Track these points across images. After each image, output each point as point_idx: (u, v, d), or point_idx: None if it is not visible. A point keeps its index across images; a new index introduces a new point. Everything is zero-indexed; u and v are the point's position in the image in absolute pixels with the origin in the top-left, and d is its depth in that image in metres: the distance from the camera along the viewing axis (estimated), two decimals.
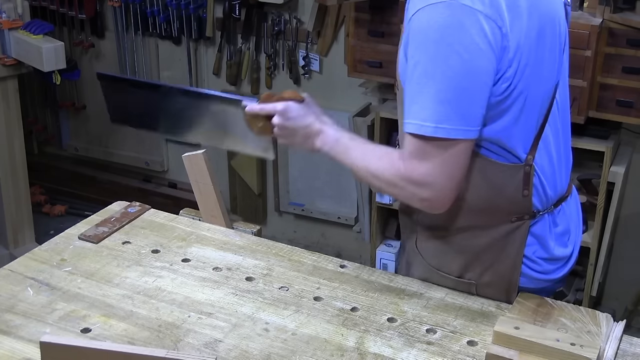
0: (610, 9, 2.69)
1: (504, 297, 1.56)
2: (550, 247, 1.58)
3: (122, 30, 3.82)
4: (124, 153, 4.16)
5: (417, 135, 1.38)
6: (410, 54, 1.39)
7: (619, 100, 2.77)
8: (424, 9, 1.36)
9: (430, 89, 1.36)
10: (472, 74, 1.36)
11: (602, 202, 2.94)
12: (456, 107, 1.36)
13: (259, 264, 1.63)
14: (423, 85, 1.37)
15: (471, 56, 1.34)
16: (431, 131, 1.36)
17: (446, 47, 1.34)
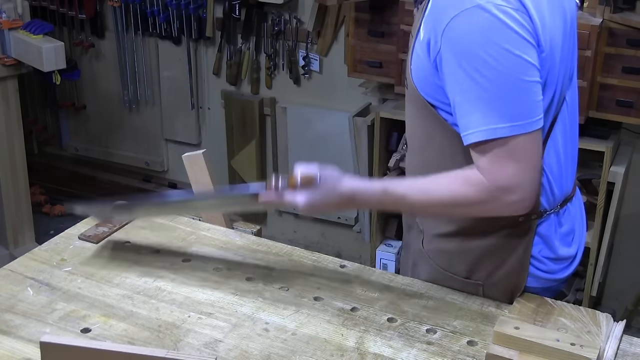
0: (610, 9, 2.69)
1: (510, 298, 1.56)
2: (556, 247, 1.58)
3: (122, 30, 3.82)
4: (124, 153, 4.16)
5: (491, 140, 1.36)
6: (455, 63, 1.37)
7: (619, 100, 2.77)
8: (460, 16, 1.35)
9: (490, 92, 1.35)
10: (527, 67, 1.36)
11: (602, 202, 2.94)
12: (523, 102, 1.36)
13: (259, 264, 1.63)
14: (481, 90, 1.35)
15: (521, 50, 1.35)
16: (507, 131, 1.35)
17: (495, 48, 1.33)
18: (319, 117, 3.49)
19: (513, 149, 1.37)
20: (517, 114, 1.36)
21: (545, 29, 1.40)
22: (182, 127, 3.93)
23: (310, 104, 3.54)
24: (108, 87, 4.05)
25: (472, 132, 1.37)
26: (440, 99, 1.46)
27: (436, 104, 1.48)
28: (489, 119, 1.35)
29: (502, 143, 1.36)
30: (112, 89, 4.04)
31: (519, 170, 1.38)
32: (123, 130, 4.12)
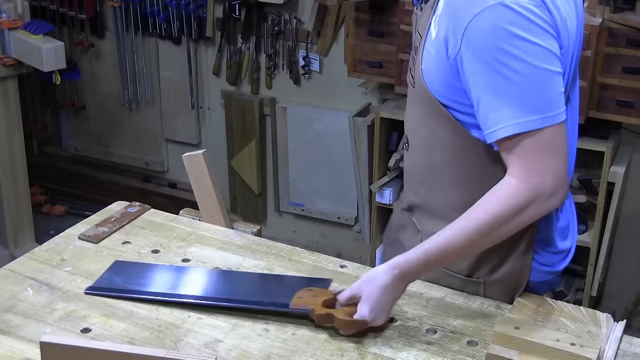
0: (610, 9, 2.69)
1: (511, 295, 1.56)
2: (555, 241, 1.60)
3: (122, 30, 3.82)
4: (124, 153, 4.16)
5: (521, 134, 1.35)
6: (480, 60, 1.36)
7: (619, 100, 2.77)
8: (483, 13, 1.35)
9: (519, 85, 1.35)
10: (552, 58, 1.37)
11: (602, 202, 2.94)
12: (550, 93, 1.37)
13: (259, 264, 1.63)
14: (510, 84, 1.35)
15: (546, 42, 1.36)
16: (539, 123, 1.35)
17: (522, 40, 1.34)
18: (319, 117, 3.49)
19: (543, 141, 1.36)
20: (546, 106, 1.36)
21: (564, 25, 1.41)
22: (182, 127, 3.93)
23: (310, 104, 3.54)
24: (108, 87, 4.05)
25: (502, 127, 1.36)
26: (455, 99, 1.46)
27: (449, 104, 1.47)
28: (520, 112, 1.35)
29: (532, 136, 1.36)
30: (112, 89, 4.04)
31: (551, 162, 1.38)
32: (123, 130, 4.12)
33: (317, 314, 1.39)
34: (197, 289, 1.52)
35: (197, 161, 1.76)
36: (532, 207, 1.38)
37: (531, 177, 1.37)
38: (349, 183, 3.50)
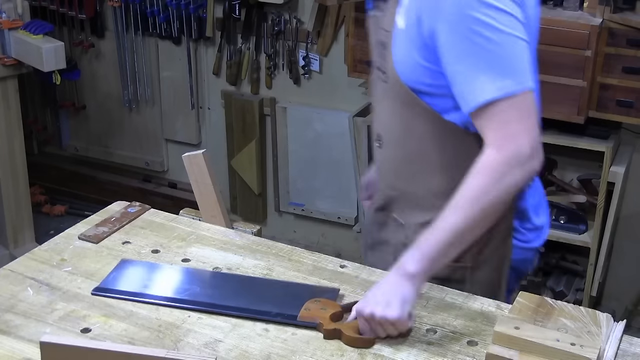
0: (610, 9, 2.69)
1: (496, 276, 1.61)
2: (531, 217, 1.66)
3: (122, 30, 3.82)
4: (124, 153, 4.16)
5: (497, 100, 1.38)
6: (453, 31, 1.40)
7: (619, 100, 2.77)
8: None
9: (493, 52, 1.39)
10: (520, 26, 1.42)
11: (602, 202, 2.94)
12: (522, 59, 1.41)
13: (259, 264, 1.63)
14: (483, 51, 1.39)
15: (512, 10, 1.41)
16: (513, 87, 1.38)
17: (491, 7, 1.38)
18: (319, 117, 3.49)
19: (517, 107, 1.40)
20: (519, 72, 1.40)
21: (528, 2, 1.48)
22: (182, 127, 3.93)
23: (310, 104, 3.54)
24: (108, 87, 4.05)
25: (479, 94, 1.39)
26: (428, 82, 1.49)
27: (423, 89, 1.51)
28: (495, 78, 1.38)
29: (507, 101, 1.39)
30: (112, 89, 4.04)
31: (525, 127, 1.40)
32: (123, 130, 4.12)
33: (325, 329, 1.40)
34: (204, 295, 1.51)
35: (197, 161, 1.76)
36: (513, 172, 1.40)
37: (506, 144, 1.40)
38: (349, 183, 3.50)
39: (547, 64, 2.78)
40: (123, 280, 1.55)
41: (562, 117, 2.85)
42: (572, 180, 3.24)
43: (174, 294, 1.51)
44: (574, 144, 2.97)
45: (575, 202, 3.11)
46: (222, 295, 1.51)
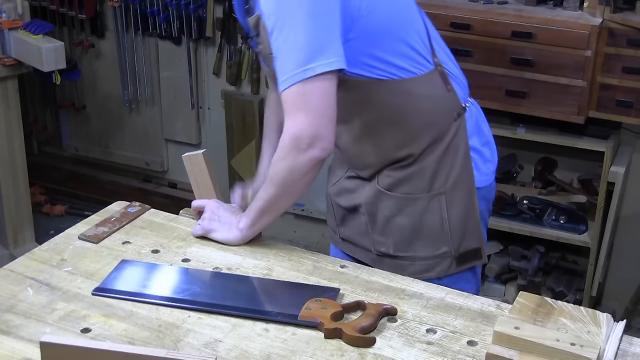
0: (610, 9, 2.69)
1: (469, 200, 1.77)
2: (484, 131, 1.83)
3: (122, 30, 3.82)
4: (124, 153, 4.16)
5: (292, 87, 1.51)
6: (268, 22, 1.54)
7: (619, 100, 2.77)
8: None
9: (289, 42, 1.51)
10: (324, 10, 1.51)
11: (602, 202, 2.94)
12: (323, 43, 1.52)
13: (259, 264, 1.63)
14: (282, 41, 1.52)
15: None
16: (303, 76, 1.50)
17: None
18: None
19: (308, 93, 1.51)
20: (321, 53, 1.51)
21: None
22: (182, 127, 3.93)
23: None
24: (108, 87, 4.05)
25: (281, 81, 1.53)
26: None
27: None
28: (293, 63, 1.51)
29: (300, 87, 1.51)
30: (112, 89, 4.04)
31: (311, 114, 1.52)
32: (123, 130, 4.12)
33: (326, 329, 1.40)
34: (204, 295, 1.51)
35: (197, 161, 1.76)
36: (292, 154, 1.55)
37: (290, 127, 1.55)
38: None
39: (547, 64, 2.79)
40: (123, 281, 1.55)
41: (562, 117, 2.85)
42: (572, 180, 3.25)
43: (174, 294, 1.51)
44: (574, 144, 2.97)
45: (575, 202, 3.11)
46: (222, 295, 1.51)
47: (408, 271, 1.74)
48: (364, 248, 1.86)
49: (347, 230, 1.91)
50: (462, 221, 1.78)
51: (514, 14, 2.82)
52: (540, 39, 2.76)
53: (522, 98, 2.86)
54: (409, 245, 1.79)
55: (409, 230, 1.78)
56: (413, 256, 1.79)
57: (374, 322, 1.41)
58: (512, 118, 3.05)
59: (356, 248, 1.89)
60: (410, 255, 1.79)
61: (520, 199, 3.15)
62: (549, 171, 3.25)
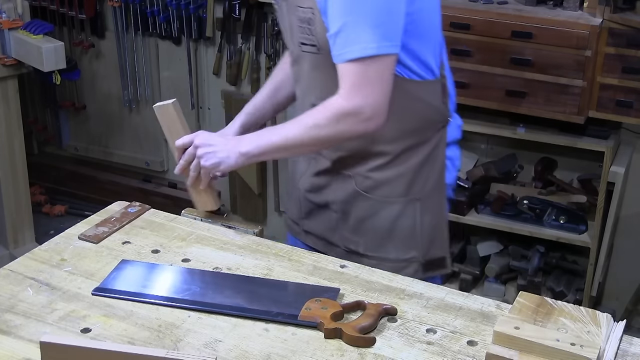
0: (610, 9, 2.69)
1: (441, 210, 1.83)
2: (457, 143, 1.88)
3: (122, 30, 3.82)
4: (124, 153, 4.16)
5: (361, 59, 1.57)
6: None
7: (619, 100, 2.77)
8: None
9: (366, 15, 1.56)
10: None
11: (602, 202, 2.94)
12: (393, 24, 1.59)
13: (259, 264, 1.63)
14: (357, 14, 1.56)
15: None
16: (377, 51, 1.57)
17: None
18: None
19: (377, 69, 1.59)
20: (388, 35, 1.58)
21: None
22: None
23: None
24: (108, 87, 4.05)
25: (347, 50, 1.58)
26: None
27: None
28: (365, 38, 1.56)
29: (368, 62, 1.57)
30: (112, 89, 4.04)
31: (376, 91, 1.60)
32: (123, 130, 4.12)
33: (326, 329, 1.40)
34: (204, 295, 1.51)
35: (167, 111, 1.82)
36: (347, 122, 1.62)
37: (354, 98, 1.60)
38: None
39: (547, 64, 2.79)
40: (123, 281, 1.55)
41: (562, 117, 2.85)
42: (572, 181, 3.25)
43: (173, 294, 1.51)
44: (574, 144, 2.97)
45: (575, 202, 3.11)
46: (222, 295, 1.51)
47: None
48: (330, 243, 1.89)
49: (312, 223, 1.93)
50: (432, 229, 1.82)
51: (513, 14, 2.82)
52: (540, 39, 2.76)
53: (522, 98, 2.86)
54: (380, 246, 1.83)
55: (381, 232, 1.81)
56: (382, 257, 1.82)
57: (374, 322, 1.41)
58: (512, 118, 3.05)
59: (320, 242, 1.92)
60: (380, 257, 1.82)
61: (520, 199, 3.15)
62: (549, 171, 3.25)
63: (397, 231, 1.80)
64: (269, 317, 1.44)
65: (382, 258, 1.82)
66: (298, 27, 1.70)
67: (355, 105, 1.60)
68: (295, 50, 1.77)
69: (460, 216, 3.17)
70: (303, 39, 1.71)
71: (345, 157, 1.80)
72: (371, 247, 1.83)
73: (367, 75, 1.59)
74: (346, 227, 1.84)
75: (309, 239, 1.95)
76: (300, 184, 1.94)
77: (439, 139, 1.79)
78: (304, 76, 1.79)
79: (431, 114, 1.77)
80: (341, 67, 1.61)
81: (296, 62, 1.80)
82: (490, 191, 3.26)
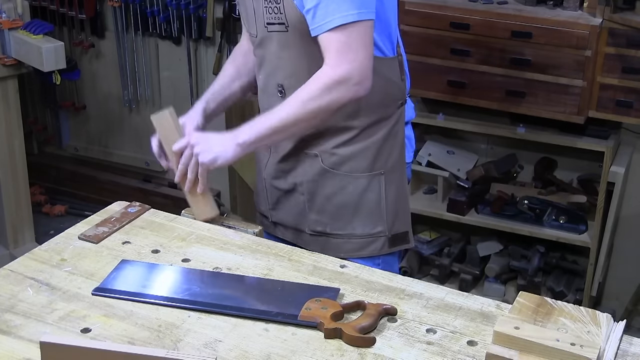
0: (610, 9, 2.69)
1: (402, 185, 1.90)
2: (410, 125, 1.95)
3: (122, 30, 3.82)
4: (124, 153, 4.16)
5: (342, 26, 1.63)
6: None
7: (619, 100, 2.77)
8: None
9: None
10: None
11: (602, 202, 2.94)
12: None
13: (259, 264, 1.63)
14: None
15: None
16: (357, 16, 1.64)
17: None
18: None
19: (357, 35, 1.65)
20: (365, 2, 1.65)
21: None
22: None
23: None
24: (108, 87, 4.05)
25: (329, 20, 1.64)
26: None
27: None
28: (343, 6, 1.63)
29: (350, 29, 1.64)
30: (112, 89, 4.04)
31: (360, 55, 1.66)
32: (123, 130, 4.12)
33: (326, 329, 1.40)
34: (204, 295, 1.51)
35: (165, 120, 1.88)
36: (339, 89, 1.67)
37: (342, 65, 1.65)
38: None
39: (547, 64, 2.79)
40: (123, 281, 1.55)
41: (562, 117, 2.85)
42: (572, 180, 3.25)
43: (173, 294, 1.51)
44: (574, 144, 2.97)
45: (575, 202, 3.11)
46: (222, 295, 1.51)
47: (343, 249, 1.86)
48: (296, 229, 1.94)
49: (279, 213, 1.97)
50: (396, 203, 1.90)
51: (513, 14, 2.82)
52: (540, 39, 2.76)
53: (522, 98, 2.86)
54: (347, 223, 1.88)
55: (348, 208, 1.87)
56: (350, 234, 1.88)
57: (374, 322, 1.41)
58: (512, 118, 3.05)
59: (287, 230, 1.96)
60: (347, 234, 1.88)
61: (520, 199, 3.15)
62: (549, 171, 3.25)
63: (364, 205, 1.87)
64: (269, 317, 1.44)
65: (350, 235, 1.88)
66: (264, 8, 1.75)
67: (344, 72, 1.66)
68: (260, 32, 1.81)
69: (460, 216, 3.17)
70: (269, 18, 1.76)
71: (309, 136, 1.83)
72: (338, 226, 1.88)
73: (351, 42, 1.65)
74: (313, 207, 1.89)
75: (277, 230, 1.99)
76: (265, 173, 1.96)
77: (399, 116, 1.87)
78: (270, 58, 1.83)
79: (392, 90, 1.84)
80: (324, 37, 1.66)
81: (260, 46, 1.84)
82: (490, 191, 3.26)
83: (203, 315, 1.46)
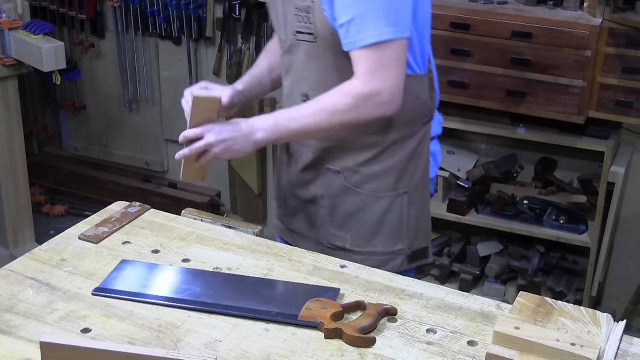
0: (610, 9, 2.69)
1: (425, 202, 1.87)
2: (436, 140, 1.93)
3: (122, 30, 3.83)
4: (124, 153, 4.16)
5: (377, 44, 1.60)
6: None
7: (619, 100, 2.77)
8: None
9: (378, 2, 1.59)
10: None
11: (602, 202, 2.94)
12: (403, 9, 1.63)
13: (259, 264, 1.63)
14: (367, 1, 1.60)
15: None
16: (391, 34, 1.60)
17: None
18: None
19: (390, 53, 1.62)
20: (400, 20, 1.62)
21: None
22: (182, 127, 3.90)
23: None
24: (108, 87, 4.05)
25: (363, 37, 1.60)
26: None
27: None
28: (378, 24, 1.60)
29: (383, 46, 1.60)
30: (112, 89, 4.04)
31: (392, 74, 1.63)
32: (123, 130, 4.12)
33: (326, 329, 1.40)
34: (204, 295, 1.51)
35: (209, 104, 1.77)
36: (367, 106, 1.64)
37: (372, 81, 1.63)
38: None
39: (547, 64, 2.79)
40: (123, 281, 1.55)
41: (562, 117, 2.85)
42: (572, 181, 3.25)
43: (174, 294, 1.51)
44: (574, 144, 2.97)
45: (575, 202, 3.11)
46: (222, 295, 1.51)
47: None
48: (312, 239, 1.91)
49: (297, 221, 1.95)
50: (417, 221, 1.87)
51: (513, 14, 2.82)
52: (540, 39, 2.76)
53: (522, 98, 2.86)
54: (368, 241, 1.85)
55: (370, 226, 1.84)
56: (370, 252, 1.85)
57: (374, 322, 1.41)
58: (512, 118, 3.05)
59: (302, 239, 1.93)
60: (368, 251, 1.85)
61: (520, 199, 3.15)
62: (549, 171, 3.25)
63: (385, 225, 1.83)
64: (269, 317, 1.44)
65: (370, 252, 1.85)
66: (294, 15, 1.71)
67: (374, 89, 1.63)
68: (289, 39, 1.77)
69: (460, 216, 3.17)
70: (299, 27, 1.72)
71: (330, 149, 1.81)
72: (359, 242, 1.86)
73: (384, 60, 1.61)
74: (334, 222, 1.86)
75: (292, 238, 1.97)
76: (285, 180, 1.95)
77: (424, 133, 1.83)
78: (297, 66, 1.80)
79: (419, 108, 1.80)
80: (356, 53, 1.63)
81: (289, 52, 1.80)
82: (490, 191, 3.26)
83: (203, 315, 1.46)
